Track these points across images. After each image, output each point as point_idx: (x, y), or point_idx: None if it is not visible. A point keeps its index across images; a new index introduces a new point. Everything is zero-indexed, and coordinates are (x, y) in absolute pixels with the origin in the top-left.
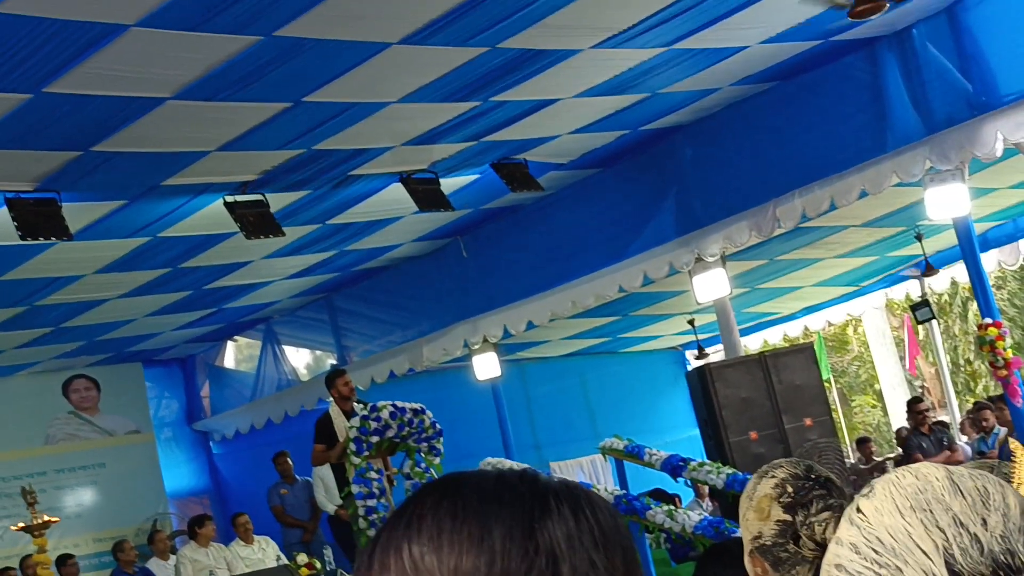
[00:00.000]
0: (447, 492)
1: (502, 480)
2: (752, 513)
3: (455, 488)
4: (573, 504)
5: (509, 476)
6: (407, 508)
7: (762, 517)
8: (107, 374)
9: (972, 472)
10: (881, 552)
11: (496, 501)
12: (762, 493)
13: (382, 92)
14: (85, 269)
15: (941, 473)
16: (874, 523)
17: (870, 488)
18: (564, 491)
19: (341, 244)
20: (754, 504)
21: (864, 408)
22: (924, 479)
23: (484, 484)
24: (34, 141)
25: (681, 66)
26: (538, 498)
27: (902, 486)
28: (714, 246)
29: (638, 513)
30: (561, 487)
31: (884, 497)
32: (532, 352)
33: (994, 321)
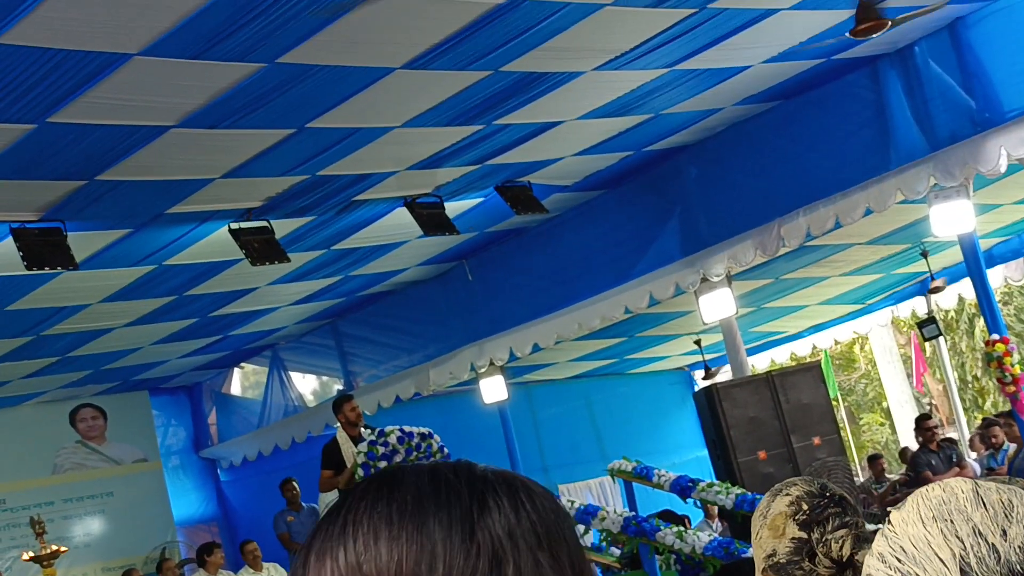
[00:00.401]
0: (382, 493)
1: (437, 476)
2: (766, 531)
3: (390, 488)
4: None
5: (444, 470)
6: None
7: (776, 535)
8: (114, 403)
9: (1001, 486)
10: (903, 560)
11: (433, 500)
12: (776, 511)
13: (385, 117)
14: (91, 298)
15: (968, 486)
16: (899, 532)
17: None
18: (502, 484)
19: (346, 269)
20: (768, 522)
21: (872, 426)
22: (950, 491)
23: (420, 482)
24: (38, 171)
25: (684, 87)
26: (476, 494)
27: (929, 498)
28: (719, 266)
29: (648, 535)
30: (499, 480)
31: (911, 508)
32: (539, 375)
33: (1001, 337)
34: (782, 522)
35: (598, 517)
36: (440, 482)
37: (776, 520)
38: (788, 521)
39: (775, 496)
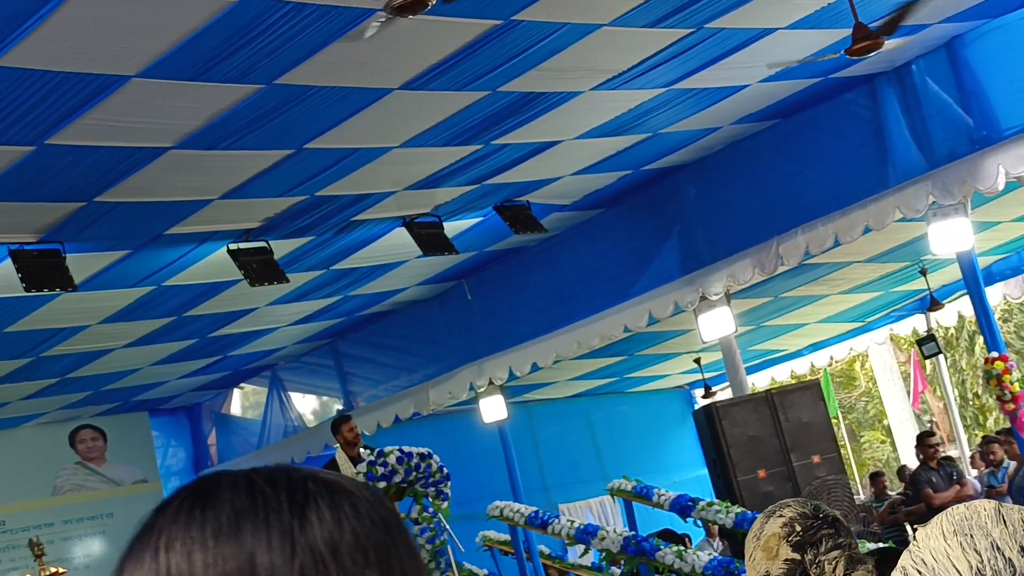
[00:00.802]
0: (195, 513)
1: (253, 488)
2: (760, 552)
3: (203, 507)
4: (335, 511)
5: (261, 482)
6: (151, 532)
7: (770, 556)
8: (113, 424)
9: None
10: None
11: (251, 517)
12: (770, 532)
13: (384, 137)
14: (90, 319)
15: (992, 505)
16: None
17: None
18: (324, 494)
19: (345, 289)
20: (762, 543)
21: (873, 444)
22: (973, 509)
23: (236, 497)
24: (37, 193)
25: (682, 106)
26: (296, 507)
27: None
28: (718, 284)
29: (647, 554)
30: (321, 489)
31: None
32: (539, 394)
33: (1000, 355)
34: (776, 543)
35: (598, 537)
36: (257, 495)
37: (770, 541)
38: (782, 542)
39: (769, 517)
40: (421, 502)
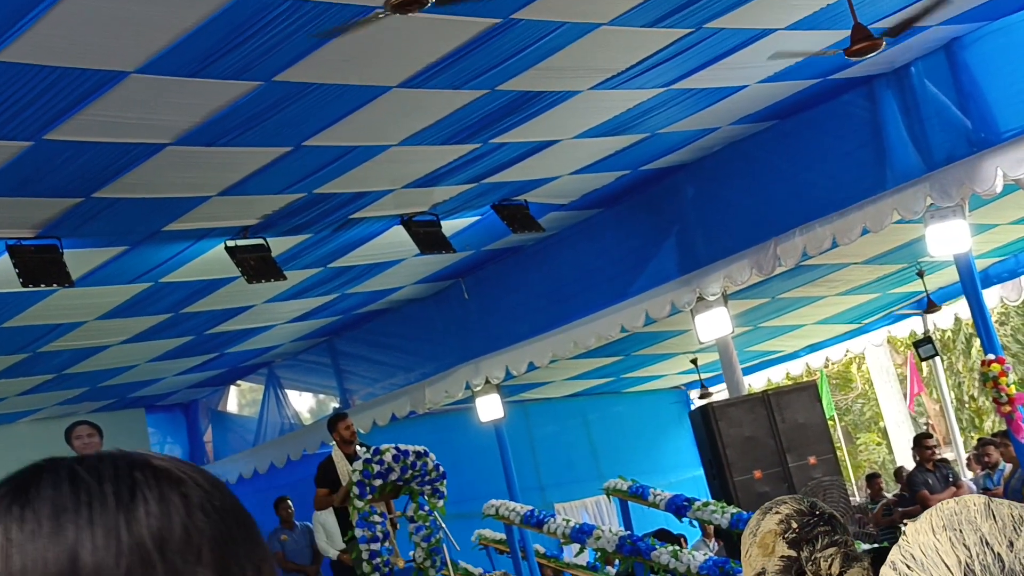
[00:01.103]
0: (13, 506)
1: (77, 482)
2: (756, 549)
3: (22, 504)
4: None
5: (84, 474)
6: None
7: (766, 553)
8: (109, 420)
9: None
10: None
11: (74, 514)
12: (766, 529)
13: (382, 135)
14: (87, 315)
15: (981, 500)
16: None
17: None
18: (153, 485)
19: (343, 287)
20: (758, 540)
21: (869, 446)
22: (963, 504)
23: (58, 492)
24: (35, 188)
25: (680, 106)
26: (123, 501)
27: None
28: (715, 285)
29: (643, 554)
30: (150, 479)
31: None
32: (535, 393)
33: (997, 357)
34: (771, 540)
35: (593, 536)
36: (80, 489)
37: (766, 538)
38: (778, 539)
39: (765, 514)
40: (417, 500)
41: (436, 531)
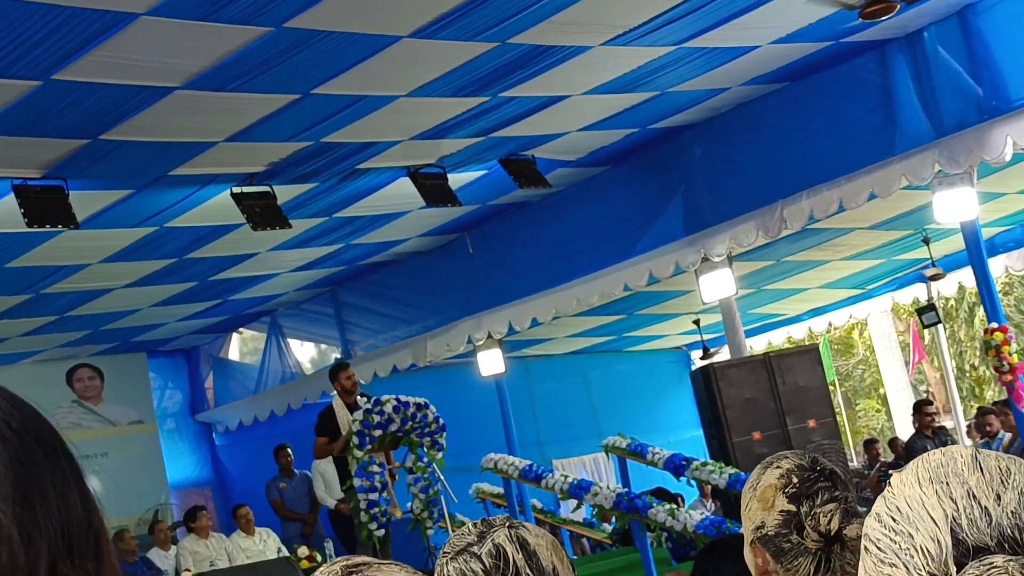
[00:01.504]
0: None
1: None
2: (756, 503)
3: None
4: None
5: None
6: None
7: (766, 507)
8: (111, 364)
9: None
10: (897, 520)
11: None
12: (767, 483)
13: (391, 86)
14: (91, 258)
15: (968, 452)
16: (896, 493)
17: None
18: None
19: (347, 238)
20: (758, 494)
21: (868, 412)
22: (950, 456)
23: None
24: (42, 128)
25: (691, 65)
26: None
27: (928, 461)
28: (721, 246)
29: (640, 512)
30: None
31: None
32: (537, 349)
33: (1000, 326)
34: (772, 494)
35: (591, 492)
36: None
37: (766, 492)
38: (778, 494)
39: (766, 469)
40: (416, 452)
41: (434, 483)
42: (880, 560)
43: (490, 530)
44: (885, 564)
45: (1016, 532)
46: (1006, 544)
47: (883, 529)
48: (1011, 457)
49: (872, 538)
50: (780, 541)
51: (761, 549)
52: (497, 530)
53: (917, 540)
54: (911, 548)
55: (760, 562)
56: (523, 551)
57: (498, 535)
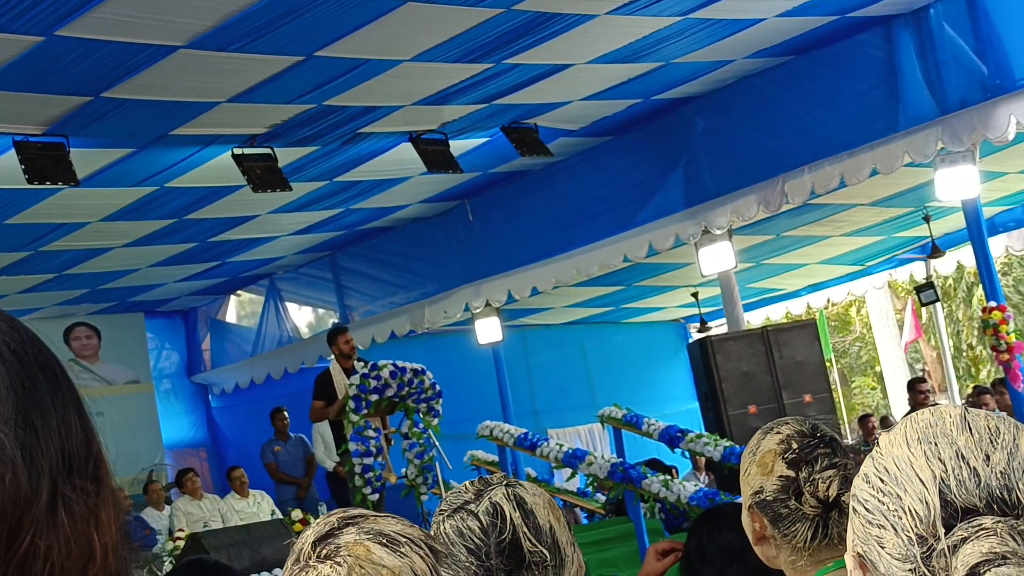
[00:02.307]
0: None
1: None
2: (755, 468)
3: None
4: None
5: None
6: None
7: (765, 472)
8: (109, 323)
9: (990, 414)
10: (886, 480)
11: None
12: (766, 448)
13: (395, 50)
14: (91, 216)
15: (957, 412)
16: (885, 454)
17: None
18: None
19: (347, 202)
20: (757, 459)
21: (864, 389)
22: (938, 415)
23: None
24: (44, 85)
25: (696, 36)
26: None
27: (917, 420)
28: (721, 219)
29: (634, 482)
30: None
31: (899, 430)
32: (534, 319)
33: (999, 305)
34: (771, 460)
35: (585, 462)
36: None
37: (765, 457)
38: (777, 459)
39: (766, 434)
40: (412, 417)
41: (429, 448)
42: (868, 521)
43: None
44: (873, 525)
45: (1005, 493)
46: (995, 505)
47: (871, 490)
48: (1000, 416)
49: (860, 499)
50: (778, 506)
51: (759, 514)
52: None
53: (905, 501)
54: (899, 509)
55: (758, 527)
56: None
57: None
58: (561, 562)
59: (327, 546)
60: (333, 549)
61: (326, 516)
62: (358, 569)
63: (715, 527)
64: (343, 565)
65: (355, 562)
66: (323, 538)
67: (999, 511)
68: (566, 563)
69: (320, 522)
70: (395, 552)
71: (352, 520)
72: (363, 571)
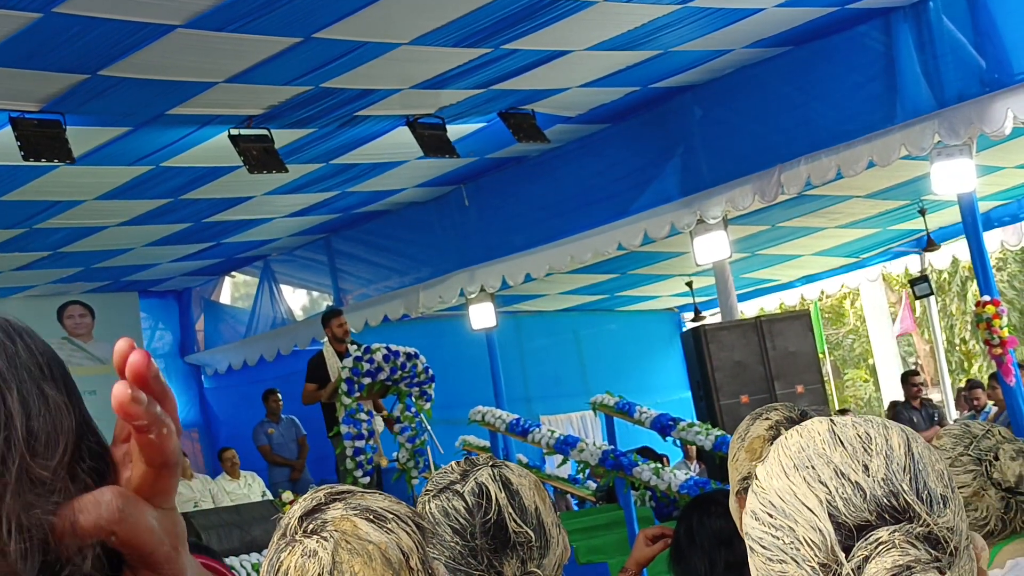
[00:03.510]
0: None
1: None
2: (744, 453)
3: None
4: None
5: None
6: None
7: (754, 457)
8: (102, 302)
9: (857, 420)
10: (774, 515)
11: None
12: (755, 434)
13: (393, 33)
14: (86, 194)
15: (824, 427)
16: (766, 487)
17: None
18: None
19: (343, 185)
20: (746, 444)
21: (856, 382)
22: (808, 436)
23: None
24: (41, 61)
25: (695, 24)
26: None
27: (787, 446)
28: (717, 208)
29: (625, 469)
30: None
31: (773, 461)
32: (528, 305)
33: (992, 299)
34: (760, 445)
35: (577, 448)
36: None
37: (754, 443)
38: (766, 444)
39: (755, 420)
40: (404, 401)
41: (421, 433)
42: (768, 559)
43: (473, 469)
44: (774, 562)
45: (892, 499)
46: (886, 515)
47: (763, 527)
48: (867, 419)
49: (754, 537)
50: None
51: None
52: (480, 469)
53: (799, 532)
54: (795, 541)
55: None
56: (506, 490)
57: (481, 474)
58: (546, 543)
59: (313, 521)
60: (320, 524)
61: (313, 491)
62: (344, 544)
63: (704, 513)
64: (329, 540)
65: (341, 537)
66: (310, 513)
67: (891, 519)
68: (551, 544)
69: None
70: (381, 528)
71: (339, 496)
72: (349, 546)
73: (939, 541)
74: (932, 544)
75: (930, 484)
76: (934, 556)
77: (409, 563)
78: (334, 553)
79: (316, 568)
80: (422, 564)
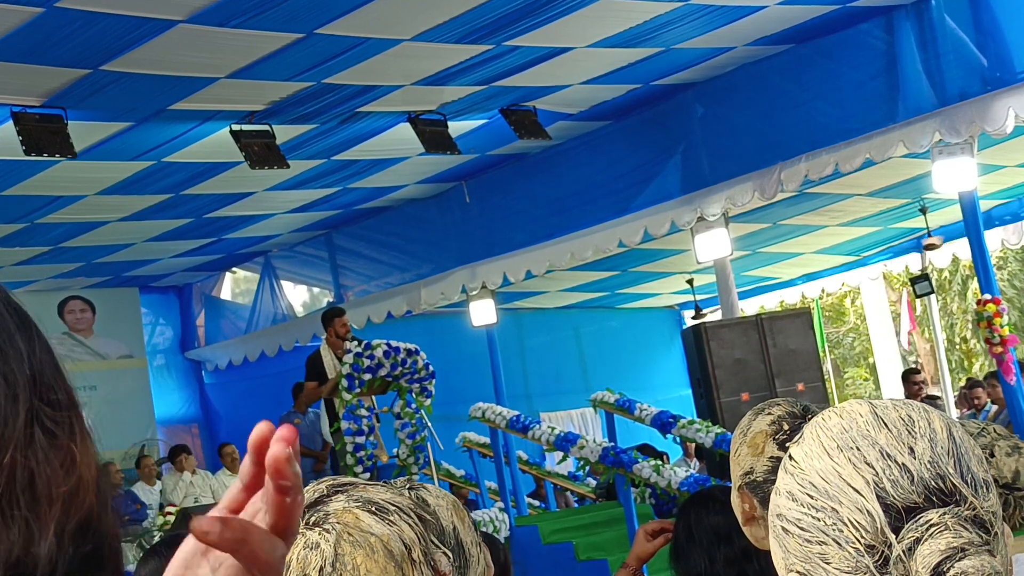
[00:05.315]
0: None
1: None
2: (745, 448)
3: None
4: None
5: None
6: None
7: (755, 453)
8: (103, 297)
9: (896, 402)
10: (815, 496)
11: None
12: (757, 429)
13: (395, 29)
14: (87, 189)
15: (865, 409)
16: (805, 468)
17: (800, 435)
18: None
19: (345, 181)
20: (748, 439)
21: (857, 381)
22: (849, 417)
23: None
24: (44, 56)
25: (697, 22)
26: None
27: (828, 427)
28: (717, 205)
29: (625, 466)
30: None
31: (812, 441)
32: (529, 302)
33: (993, 297)
34: (762, 441)
35: (577, 445)
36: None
37: (756, 438)
38: (768, 440)
39: (757, 415)
40: (405, 397)
41: (421, 429)
42: (806, 540)
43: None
44: (813, 543)
45: (939, 482)
46: (933, 497)
47: (801, 508)
48: (907, 403)
49: (790, 519)
50: (768, 487)
51: (749, 495)
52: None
53: (843, 513)
54: (838, 522)
55: (747, 508)
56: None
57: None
58: (466, 562)
59: (315, 513)
60: (322, 516)
61: (316, 483)
62: (347, 536)
63: (704, 509)
64: (331, 532)
65: (343, 529)
66: (312, 505)
67: (939, 502)
68: (471, 563)
69: (309, 489)
70: (384, 520)
71: (342, 488)
72: (352, 539)
73: (985, 524)
74: (980, 527)
75: (973, 468)
76: (984, 539)
77: (411, 555)
78: (336, 545)
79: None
80: (424, 556)
